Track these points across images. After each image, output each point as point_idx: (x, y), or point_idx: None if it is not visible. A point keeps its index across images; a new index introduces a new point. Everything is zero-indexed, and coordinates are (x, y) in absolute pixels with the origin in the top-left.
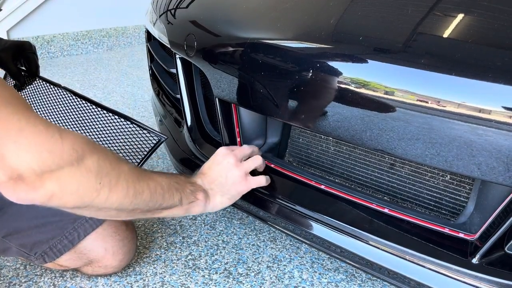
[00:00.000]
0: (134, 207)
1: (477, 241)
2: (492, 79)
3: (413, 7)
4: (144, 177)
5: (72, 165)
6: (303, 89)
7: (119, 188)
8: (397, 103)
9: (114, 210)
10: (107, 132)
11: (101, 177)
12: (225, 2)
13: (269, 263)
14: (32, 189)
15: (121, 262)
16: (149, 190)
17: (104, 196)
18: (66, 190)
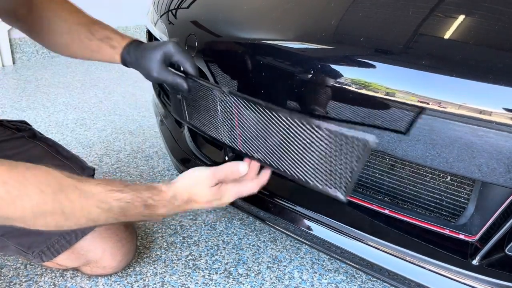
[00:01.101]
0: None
1: (478, 243)
2: (493, 80)
3: (414, 9)
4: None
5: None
6: (304, 89)
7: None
8: (397, 104)
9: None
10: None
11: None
12: (226, 3)
13: (269, 263)
14: None
15: (120, 263)
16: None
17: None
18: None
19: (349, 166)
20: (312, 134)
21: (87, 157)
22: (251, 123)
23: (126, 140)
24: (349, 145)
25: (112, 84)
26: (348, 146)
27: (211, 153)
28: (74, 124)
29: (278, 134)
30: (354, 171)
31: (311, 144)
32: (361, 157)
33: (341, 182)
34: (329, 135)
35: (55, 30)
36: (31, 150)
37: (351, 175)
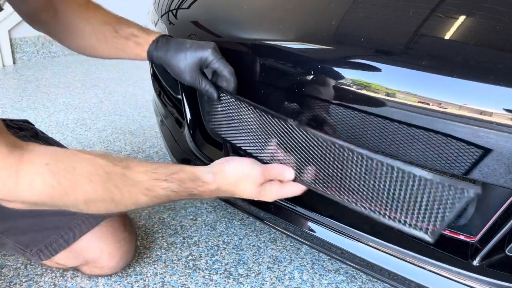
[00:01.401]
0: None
1: (478, 243)
2: (493, 81)
3: (415, 9)
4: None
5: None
6: (304, 89)
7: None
8: (398, 104)
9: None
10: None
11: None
12: (227, 3)
13: (270, 264)
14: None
15: (118, 263)
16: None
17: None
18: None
19: (441, 212)
20: (406, 181)
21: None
22: (326, 162)
23: (126, 140)
24: (445, 193)
25: (112, 84)
26: (444, 194)
27: (211, 153)
28: (75, 124)
29: (359, 175)
30: (445, 218)
31: (402, 189)
32: (457, 206)
33: (428, 226)
34: (425, 183)
35: (80, 32)
36: None
37: (441, 222)
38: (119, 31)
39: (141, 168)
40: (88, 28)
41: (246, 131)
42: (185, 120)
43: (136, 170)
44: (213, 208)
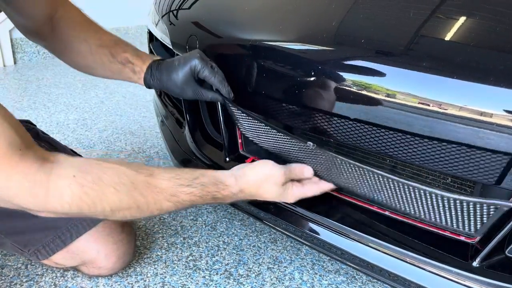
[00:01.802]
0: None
1: (478, 244)
2: (493, 82)
3: (415, 10)
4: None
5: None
6: (304, 91)
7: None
8: (398, 105)
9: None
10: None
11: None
12: (227, 4)
13: (270, 264)
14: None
15: (115, 264)
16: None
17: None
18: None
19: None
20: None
21: (88, 157)
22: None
23: (127, 141)
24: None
25: (113, 85)
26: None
27: (211, 153)
28: (75, 125)
29: (404, 196)
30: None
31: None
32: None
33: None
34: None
35: (76, 52)
36: None
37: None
38: (115, 55)
39: (165, 175)
40: (85, 48)
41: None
42: (185, 120)
43: (160, 177)
44: (214, 208)
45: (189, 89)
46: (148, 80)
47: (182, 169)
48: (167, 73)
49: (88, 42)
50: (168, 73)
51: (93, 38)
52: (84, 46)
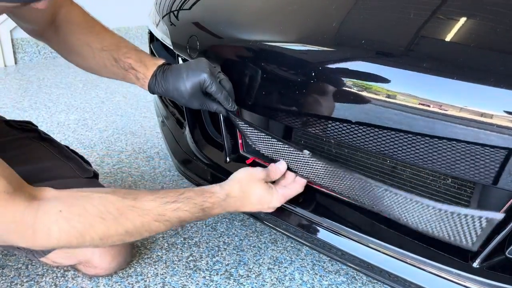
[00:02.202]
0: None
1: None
2: (494, 83)
3: (416, 11)
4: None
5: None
6: (305, 91)
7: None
8: (398, 106)
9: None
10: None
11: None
12: (228, 5)
13: (270, 264)
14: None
15: (110, 264)
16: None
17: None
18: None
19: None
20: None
21: (89, 157)
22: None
23: (127, 141)
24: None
25: (113, 85)
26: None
27: (211, 154)
28: (76, 125)
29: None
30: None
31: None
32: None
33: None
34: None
35: (80, 54)
36: (35, 150)
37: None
38: (118, 60)
39: (150, 196)
40: (87, 52)
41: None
42: (186, 121)
43: (145, 199)
44: None
45: (196, 100)
46: (153, 87)
47: (167, 190)
48: (173, 83)
49: (91, 46)
50: (174, 83)
51: (95, 42)
52: (86, 50)
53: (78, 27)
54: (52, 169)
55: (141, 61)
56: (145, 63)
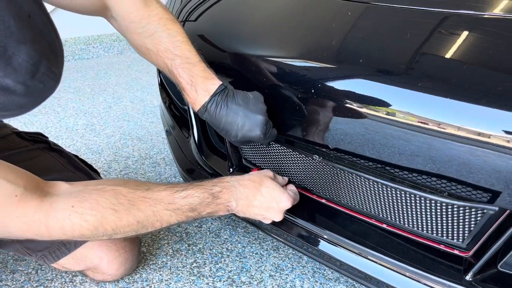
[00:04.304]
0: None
1: (472, 258)
2: (491, 104)
3: (414, 31)
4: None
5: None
6: (304, 105)
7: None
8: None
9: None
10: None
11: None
12: (233, 19)
13: (272, 272)
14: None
15: (118, 271)
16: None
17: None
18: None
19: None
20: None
21: (96, 163)
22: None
23: (134, 146)
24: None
25: (120, 89)
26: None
27: (216, 164)
28: (84, 130)
29: (396, 202)
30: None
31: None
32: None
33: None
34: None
35: (140, 50)
36: (45, 161)
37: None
38: (171, 72)
39: (162, 186)
40: (145, 51)
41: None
42: (191, 130)
43: (156, 190)
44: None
45: (239, 142)
46: (201, 116)
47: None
48: (225, 125)
49: (147, 47)
50: (226, 125)
51: (150, 44)
52: (144, 50)
53: (132, 24)
54: (61, 180)
55: (192, 83)
56: (196, 86)
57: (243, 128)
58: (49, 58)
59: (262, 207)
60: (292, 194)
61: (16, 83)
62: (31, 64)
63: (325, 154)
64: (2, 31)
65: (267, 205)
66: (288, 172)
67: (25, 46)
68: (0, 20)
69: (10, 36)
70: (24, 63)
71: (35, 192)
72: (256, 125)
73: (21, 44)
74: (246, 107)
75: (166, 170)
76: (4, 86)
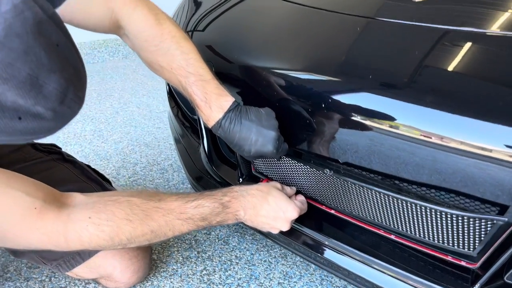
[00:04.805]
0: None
1: (479, 270)
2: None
3: (420, 46)
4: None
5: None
6: (315, 119)
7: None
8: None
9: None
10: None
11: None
12: (242, 31)
13: (280, 279)
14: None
15: (130, 279)
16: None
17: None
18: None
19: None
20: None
21: (105, 169)
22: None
23: (142, 153)
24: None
25: (127, 94)
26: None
27: (225, 173)
28: (92, 136)
29: (409, 214)
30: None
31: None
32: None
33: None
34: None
35: (153, 68)
36: (59, 172)
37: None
38: (184, 89)
39: (174, 197)
40: (159, 69)
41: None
42: (200, 139)
43: (169, 200)
44: None
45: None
46: (215, 132)
47: (189, 192)
48: (239, 141)
49: (160, 65)
50: (240, 141)
51: (164, 62)
52: (157, 67)
53: (145, 42)
54: (75, 191)
55: (206, 100)
56: (210, 103)
57: (256, 144)
58: (75, 84)
59: (269, 216)
60: (299, 204)
61: (46, 110)
62: (60, 91)
63: (335, 168)
64: (34, 63)
65: (274, 215)
66: (297, 183)
67: (54, 75)
68: (32, 52)
69: (41, 67)
70: (54, 91)
71: (53, 204)
72: (269, 141)
73: (51, 73)
74: (259, 123)
75: (174, 176)
76: (35, 113)
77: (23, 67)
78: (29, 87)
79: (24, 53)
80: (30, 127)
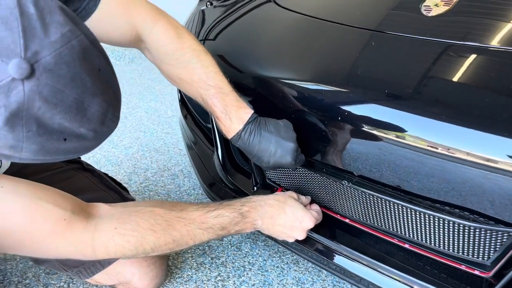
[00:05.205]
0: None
1: (492, 279)
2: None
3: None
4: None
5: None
6: (330, 131)
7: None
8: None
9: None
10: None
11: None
12: (252, 41)
13: (293, 285)
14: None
15: (148, 286)
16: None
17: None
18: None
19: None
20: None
21: (116, 175)
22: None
23: (152, 158)
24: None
25: (134, 99)
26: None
27: (239, 181)
28: None
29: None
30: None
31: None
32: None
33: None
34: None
35: (174, 81)
36: (79, 181)
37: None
38: (204, 101)
39: (194, 207)
40: (179, 82)
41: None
42: (215, 148)
43: (190, 210)
44: None
45: (271, 166)
46: (235, 143)
47: (209, 202)
48: (258, 152)
49: (181, 78)
50: (259, 152)
51: (184, 74)
52: (178, 80)
53: (166, 56)
54: (95, 200)
55: (226, 112)
56: (230, 114)
57: (275, 155)
58: (114, 105)
59: (286, 226)
60: (315, 214)
61: (89, 131)
62: (101, 113)
63: (352, 179)
64: (80, 88)
65: (290, 224)
66: (309, 191)
67: (97, 98)
68: (78, 78)
69: (86, 91)
70: (96, 113)
71: (81, 215)
72: (287, 152)
73: (95, 97)
74: (278, 134)
75: (185, 182)
76: (78, 134)
77: (70, 93)
78: (75, 111)
79: (72, 79)
80: (73, 147)
